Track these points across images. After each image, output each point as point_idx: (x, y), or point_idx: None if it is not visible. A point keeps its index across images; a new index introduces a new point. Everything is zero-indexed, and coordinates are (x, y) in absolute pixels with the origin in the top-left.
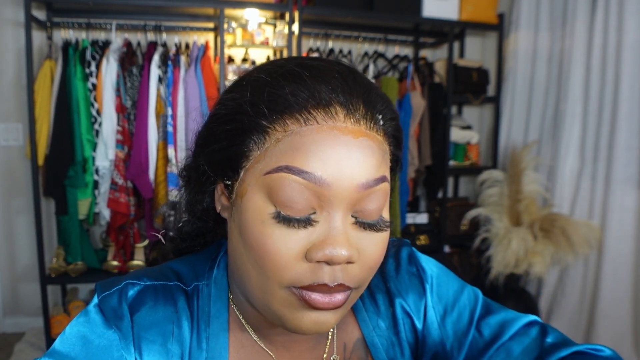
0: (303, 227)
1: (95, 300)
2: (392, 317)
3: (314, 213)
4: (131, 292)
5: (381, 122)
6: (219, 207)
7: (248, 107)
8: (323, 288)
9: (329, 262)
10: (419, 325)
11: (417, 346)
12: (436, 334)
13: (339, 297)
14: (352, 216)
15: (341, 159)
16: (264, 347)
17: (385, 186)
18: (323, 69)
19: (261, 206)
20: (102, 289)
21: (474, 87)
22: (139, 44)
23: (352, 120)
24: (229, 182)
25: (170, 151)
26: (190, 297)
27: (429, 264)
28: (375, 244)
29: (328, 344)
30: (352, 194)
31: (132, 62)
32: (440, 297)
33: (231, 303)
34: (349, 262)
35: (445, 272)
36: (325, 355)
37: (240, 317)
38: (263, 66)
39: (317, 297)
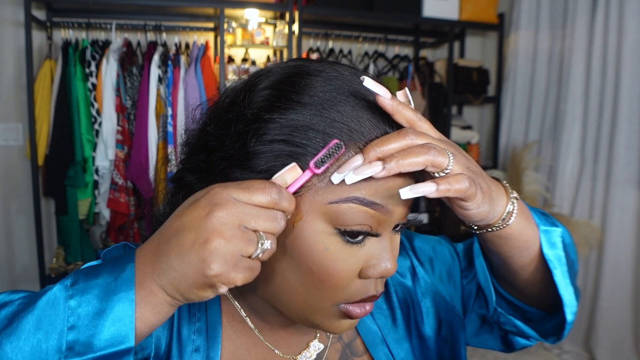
0: (361, 246)
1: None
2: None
3: (370, 232)
4: None
5: None
6: None
7: (304, 130)
8: (372, 299)
9: (382, 277)
10: (409, 284)
11: (413, 305)
12: (431, 288)
13: (376, 299)
14: None
15: (400, 187)
16: (255, 329)
17: None
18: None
19: (323, 231)
20: (103, 251)
21: (474, 87)
22: (139, 44)
23: None
24: None
25: (170, 151)
26: None
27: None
28: (398, 243)
29: None
30: (402, 216)
31: (132, 62)
32: (420, 254)
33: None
34: None
35: (414, 233)
36: (318, 334)
37: (232, 300)
38: (301, 80)
39: (358, 311)
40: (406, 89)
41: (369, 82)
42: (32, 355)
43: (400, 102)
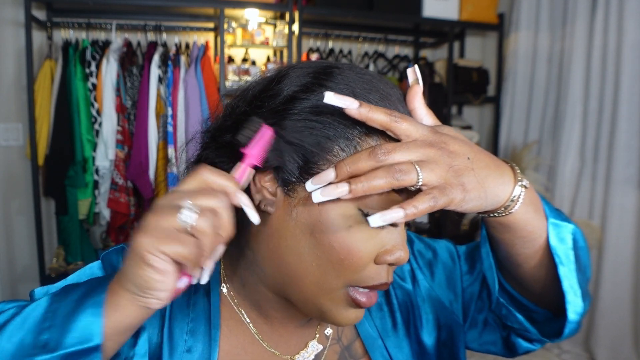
0: (380, 230)
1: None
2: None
3: None
4: None
5: None
6: (258, 199)
7: (336, 113)
8: (383, 286)
9: (395, 264)
10: (409, 287)
11: (412, 309)
12: (430, 293)
13: (385, 288)
14: None
15: None
16: (253, 329)
17: None
18: (385, 82)
19: (346, 210)
20: (103, 252)
21: (474, 87)
22: (139, 44)
23: None
24: (293, 180)
25: (170, 151)
26: None
27: None
28: (406, 236)
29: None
30: None
31: (132, 62)
32: (421, 258)
33: (222, 281)
34: None
35: (415, 236)
36: (317, 335)
37: (231, 300)
38: (334, 70)
39: (365, 300)
40: (416, 66)
41: (329, 97)
42: (15, 350)
43: (370, 108)
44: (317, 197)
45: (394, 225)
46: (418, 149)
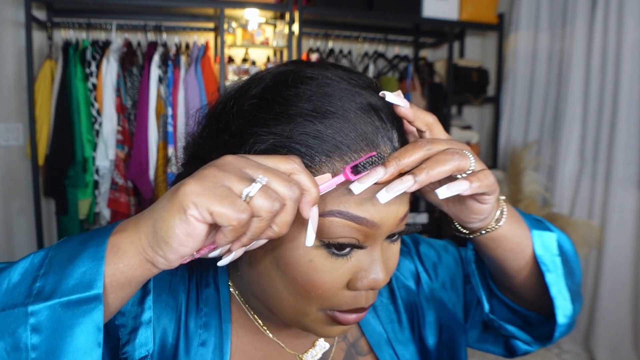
0: (348, 258)
1: None
2: (389, 289)
3: (357, 245)
4: None
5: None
6: None
7: (289, 142)
8: (360, 310)
9: (371, 289)
10: (413, 287)
11: (416, 309)
12: (433, 294)
13: (366, 311)
14: None
15: (390, 201)
16: (262, 326)
17: None
18: (357, 96)
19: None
20: None
21: (474, 87)
22: (139, 44)
23: None
24: None
25: (170, 151)
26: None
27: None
28: (395, 253)
29: None
30: (393, 228)
31: (133, 62)
32: (425, 260)
33: (230, 283)
34: None
35: (420, 237)
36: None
37: (239, 297)
38: (287, 90)
39: (349, 318)
40: (399, 91)
41: (391, 97)
42: (4, 298)
43: (417, 108)
44: (383, 197)
45: (360, 248)
46: (452, 141)
